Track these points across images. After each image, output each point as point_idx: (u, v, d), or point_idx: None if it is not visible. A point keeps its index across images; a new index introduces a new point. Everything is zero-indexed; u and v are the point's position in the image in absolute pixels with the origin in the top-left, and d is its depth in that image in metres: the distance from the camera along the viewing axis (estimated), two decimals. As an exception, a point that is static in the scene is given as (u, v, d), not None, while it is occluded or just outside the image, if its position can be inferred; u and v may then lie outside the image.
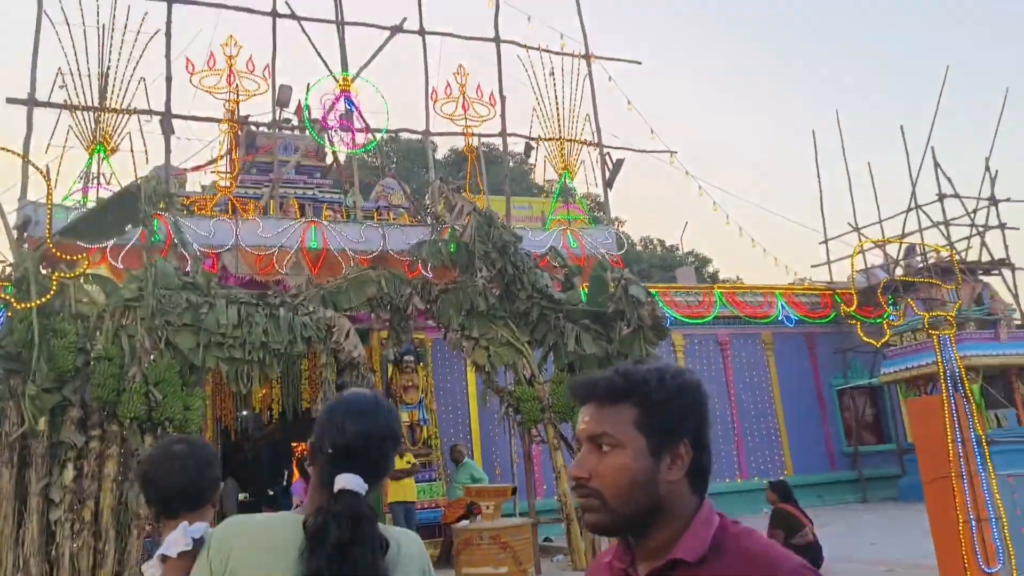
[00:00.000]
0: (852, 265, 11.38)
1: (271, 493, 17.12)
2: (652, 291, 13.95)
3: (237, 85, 12.58)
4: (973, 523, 7.45)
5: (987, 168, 17.48)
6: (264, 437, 17.72)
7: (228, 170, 13.01)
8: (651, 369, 1.45)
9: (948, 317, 7.45)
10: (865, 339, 7.60)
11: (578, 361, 11.34)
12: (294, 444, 18.80)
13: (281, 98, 13.90)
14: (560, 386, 11.25)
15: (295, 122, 13.76)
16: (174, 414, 9.02)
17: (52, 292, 8.69)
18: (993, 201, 17.41)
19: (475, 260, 10.83)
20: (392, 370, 14.02)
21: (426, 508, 12.15)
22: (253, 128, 13.27)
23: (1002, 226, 17.35)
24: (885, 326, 11.34)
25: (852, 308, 12.21)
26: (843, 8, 70.29)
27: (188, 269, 9.66)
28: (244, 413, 15.95)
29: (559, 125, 13.85)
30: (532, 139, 13.88)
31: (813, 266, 20.13)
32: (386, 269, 11.09)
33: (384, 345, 12.54)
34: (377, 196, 14.91)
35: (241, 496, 17.17)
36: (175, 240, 9.70)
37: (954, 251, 13.45)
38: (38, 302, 8.56)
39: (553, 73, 13.85)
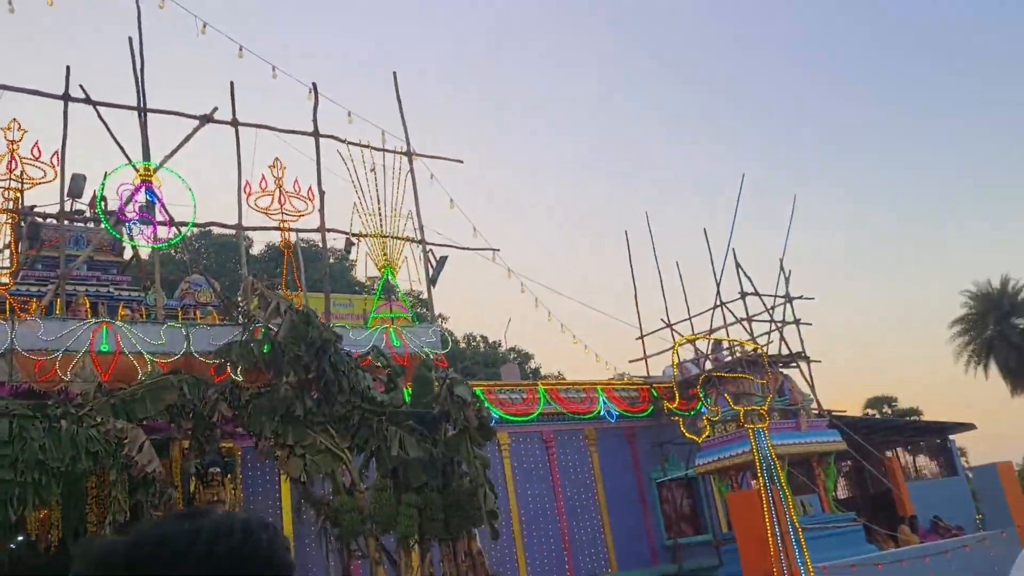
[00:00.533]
0: (674, 362, 11.75)
1: None
2: (477, 389, 13.72)
3: (22, 172, 11.40)
4: (796, 617, 7.53)
5: (781, 268, 18.92)
6: (40, 568, 15.48)
7: (6, 266, 11.63)
8: (173, 533, 1.03)
9: (761, 411, 7.68)
10: (688, 435, 7.66)
11: (402, 466, 10.80)
12: (78, 573, 16.58)
13: (73, 188, 12.76)
14: (383, 493, 10.63)
15: (88, 214, 12.61)
16: (-82, 552, 7.59)
17: None
18: (788, 298, 18.79)
19: (286, 363, 10.17)
20: (195, 484, 12.76)
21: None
22: (39, 220, 12.01)
23: (797, 321, 18.70)
24: (705, 421, 11.67)
25: (675, 404, 12.52)
26: (648, 115, 76.34)
27: (-53, 378, 8.35)
28: (20, 539, 13.89)
29: (381, 221, 13.59)
30: (353, 235, 13.50)
31: (631, 361, 20.72)
32: (189, 374, 10.16)
33: (186, 456, 11.40)
34: (183, 294, 13.87)
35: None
36: (-68, 345, 8.39)
37: (761, 345, 14.26)
38: None
39: (375, 169, 13.68)
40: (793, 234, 19.45)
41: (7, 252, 12.35)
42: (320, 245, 13.83)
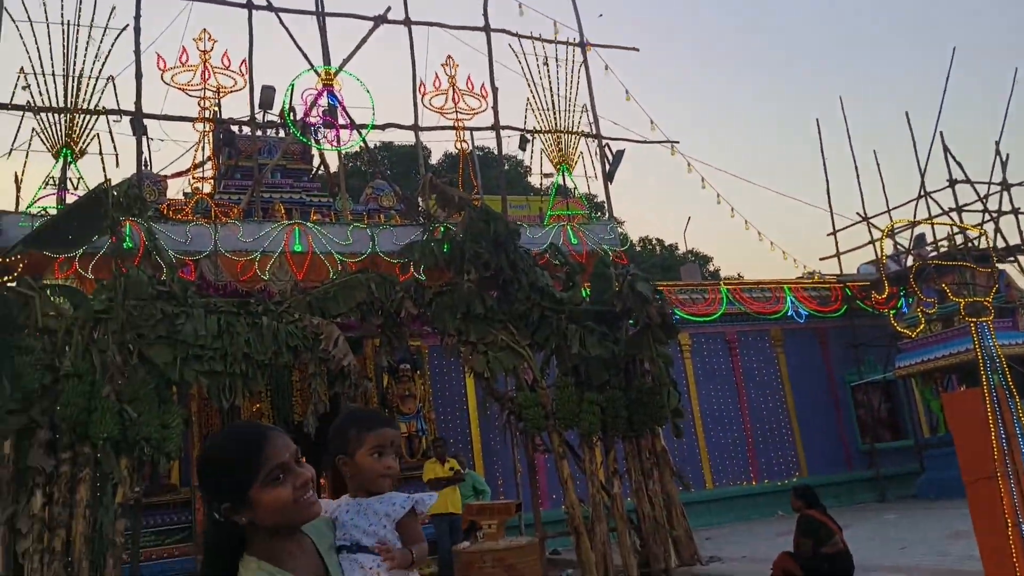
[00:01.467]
0: (881, 254, 10.71)
1: None
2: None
3: (216, 84, 11.95)
4: (1023, 527, 6.81)
5: (997, 152, 16.89)
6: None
7: (208, 175, 12.39)
8: None
9: (986, 303, 6.82)
10: (900, 329, 6.96)
11: (583, 364, 10.71)
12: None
13: (264, 99, 13.28)
14: (564, 390, 10.62)
15: (279, 121, 13.14)
16: (150, 433, 8.38)
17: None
18: (1005, 186, 16.81)
19: (466, 261, 10.19)
20: (387, 379, 13.39)
21: (425, 524, 11.44)
22: (233, 130, 12.63)
23: (1015, 211, 16.75)
24: (919, 315, 10.67)
25: (884, 297, 11.53)
26: None
27: (163, 277, 9.01)
28: (237, 429, 15.21)
29: (555, 117, 13.20)
30: (527, 131, 13.23)
31: (821, 259, 19.49)
32: (376, 272, 10.44)
33: (377, 353, 11.89)
34: (367, 198, 14.29)
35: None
36: (148, 247, 9.05)
37: (984, 231, 12.79)
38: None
39: (547, 63, 13.22)
40: (1013, 113, 17.23)
41: (209, 163, 13.12)
42: (493, 147, 13.72)
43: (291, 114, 12.55)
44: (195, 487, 12.01)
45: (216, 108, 12.41)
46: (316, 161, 14.45)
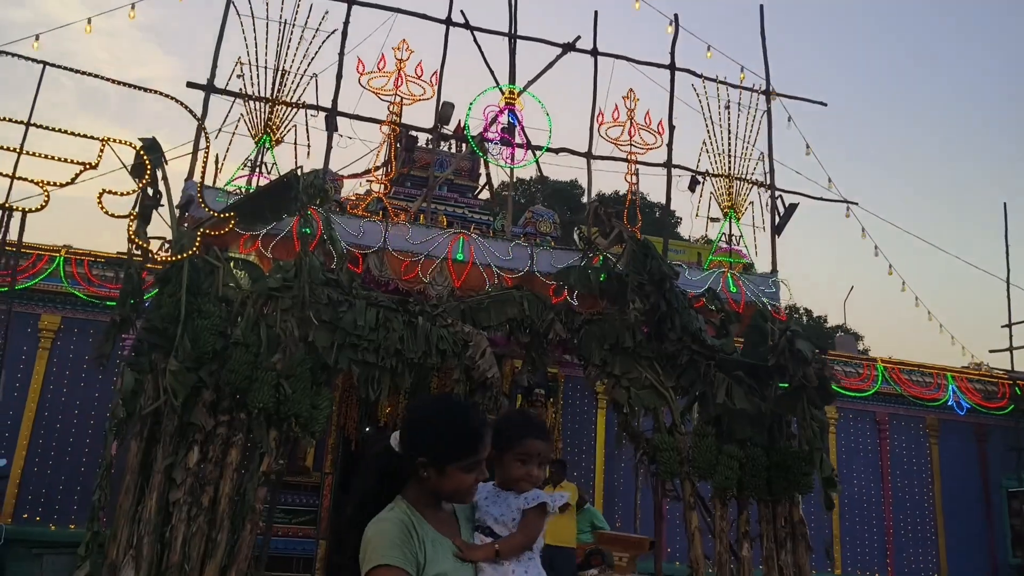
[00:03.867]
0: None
1: None
2: (810, 353, 12.72)
3: (405, 91, 12.51)
4: None
5: None
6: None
7: (385, 174, 12.95)
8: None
9: None
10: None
11: (726, 415, 10.35)
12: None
13: (442, 115, 13.75)
14: (703, 439, 10.28)
15: (455, 136, 13.58)
16: (301, 410, 8.72)
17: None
18: None
19: (628, 291, 10.09)
20: (520, 400, 13.43)
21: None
22: (412, 135, 13.15)
23: None
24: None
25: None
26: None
27: (332, 266, 9.43)
28: (368, 429, 15.59)
29: (729, 161, 12.98)
30: (699, 173, 13.06)
31: (992, 351, 18.14)
32: (530, 291, 10.53)
33: (518, 372, 11.97)
34: (526, 222, 14.51)
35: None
36: (324, 235, 9.51)
37: None
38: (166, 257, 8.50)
39: (728, 107, 13.05)
40: None
41: (385, 166, 13.70)
42: (662, 185, 13.58)
43: (469, 129, 12.96)
44: (325, 472, 12.39)
45: (398, 115, 12.98)
46: (482, 180, 14.85)
